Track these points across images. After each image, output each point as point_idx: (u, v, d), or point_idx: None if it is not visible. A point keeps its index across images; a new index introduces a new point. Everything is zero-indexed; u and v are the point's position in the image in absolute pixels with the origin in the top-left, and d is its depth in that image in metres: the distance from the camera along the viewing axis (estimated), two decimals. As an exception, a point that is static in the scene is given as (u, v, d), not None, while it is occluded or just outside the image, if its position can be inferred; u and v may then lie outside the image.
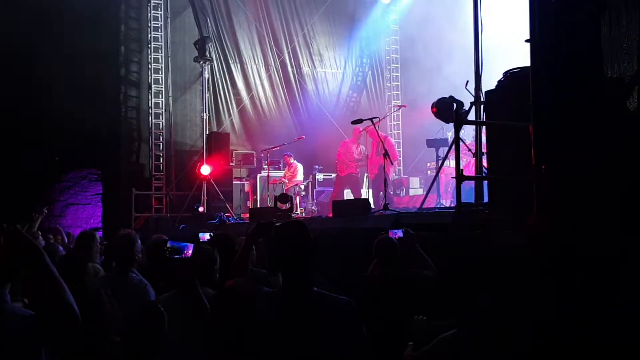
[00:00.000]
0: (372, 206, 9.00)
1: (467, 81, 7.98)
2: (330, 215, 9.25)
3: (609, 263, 3.45)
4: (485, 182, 7.38)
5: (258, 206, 12.99)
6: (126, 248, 4.45)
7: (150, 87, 14.61)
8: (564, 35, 3.97)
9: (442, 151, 11.32)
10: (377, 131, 10.13)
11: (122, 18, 14.65)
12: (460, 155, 6.98)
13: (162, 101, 14.68)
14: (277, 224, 3.17)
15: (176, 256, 3.61)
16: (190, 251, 3.64)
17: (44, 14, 12.88)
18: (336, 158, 12.69)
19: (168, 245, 3.68)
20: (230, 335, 2.77)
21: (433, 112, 8.19)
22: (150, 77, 14.62)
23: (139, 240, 4.57)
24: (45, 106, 12.90)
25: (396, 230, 5.04)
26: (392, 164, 11.45)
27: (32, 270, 2.41)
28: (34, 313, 2.43)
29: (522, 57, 4.85)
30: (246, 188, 14.12)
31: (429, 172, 13.76)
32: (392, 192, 12.50)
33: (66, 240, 8.92)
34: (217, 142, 13.71)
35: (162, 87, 14.69)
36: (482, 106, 7.51)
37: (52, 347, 2.46)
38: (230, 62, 15.37)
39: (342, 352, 2.80)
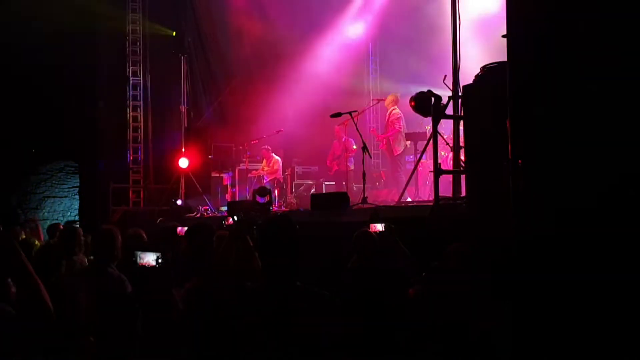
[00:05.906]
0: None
1: (445, 75, 8.02)
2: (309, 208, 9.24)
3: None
4: (463, 176, 7.42)
5: (237, 199, 12.94)
6: (107, 243, 4.42)
7: (128, 80, 14.47)
8: (541, 30, 4.01)
9: (421, 145, 11.35)
10: (356, 125, 10.00)
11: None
12: (439, 149, 7.02)
13: (140, 94, 14.54)
14: (260, 220, 3.16)
15: None
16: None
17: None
18: None
19: None
20: (210, 332, 2.78)
21: (411, 105, 8.20)
22: (128, 69, 14.49)
23: (119, 237, 4.54)
24: (22, 97, 12.72)
25: (377, 224, 5.06)
26: (371, 157, 11.48)
27: (7, 269, 2.39)
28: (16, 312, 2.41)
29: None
30: (225, 181, 14.05)
31: (407, 165, 13.79)
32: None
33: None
34: (195, 135, 13.64)
35: (140, 80, 14.55)
36: (460, 100, 7.56)
37: (28, 345, 2.44)
38: (209, 54, 15.24)
39: (321, 346, 2.81)
